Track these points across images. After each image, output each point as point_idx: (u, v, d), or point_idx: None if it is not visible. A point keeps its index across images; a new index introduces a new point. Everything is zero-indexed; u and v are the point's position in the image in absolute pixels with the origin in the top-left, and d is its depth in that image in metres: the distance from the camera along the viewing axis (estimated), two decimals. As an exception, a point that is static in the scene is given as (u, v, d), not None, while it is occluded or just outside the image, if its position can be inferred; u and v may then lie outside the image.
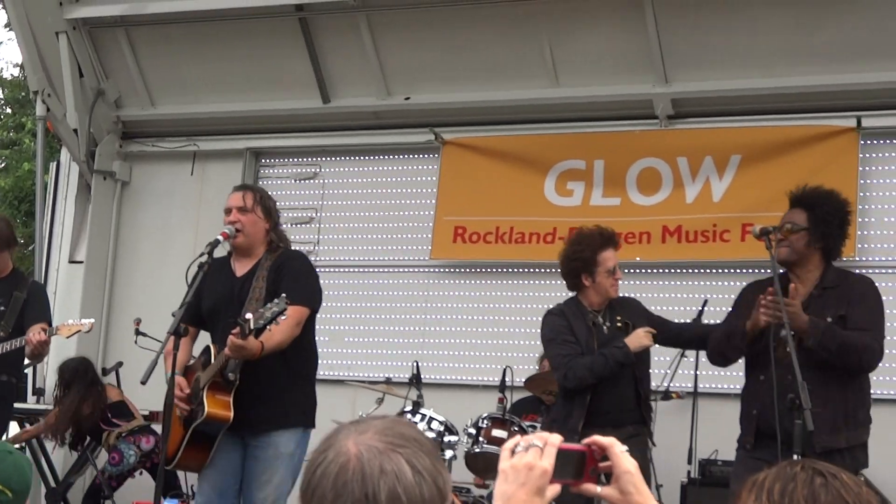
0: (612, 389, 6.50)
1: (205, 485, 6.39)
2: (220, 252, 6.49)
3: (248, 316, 5.84)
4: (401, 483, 2.02)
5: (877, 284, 8.38)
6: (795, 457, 4.88)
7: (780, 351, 5.73)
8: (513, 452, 2.31)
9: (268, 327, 5.85)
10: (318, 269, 6.68)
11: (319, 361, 6.68)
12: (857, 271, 8.34)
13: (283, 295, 5.83)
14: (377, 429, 2.09)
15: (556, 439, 2.32)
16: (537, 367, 8.32)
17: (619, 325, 6.69)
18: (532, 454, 2.29)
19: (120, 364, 9.44)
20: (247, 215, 6.42)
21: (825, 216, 5.91)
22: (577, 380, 6.56)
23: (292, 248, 6.68)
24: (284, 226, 6.80)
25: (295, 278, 6.30)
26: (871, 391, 6.18)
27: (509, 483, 2.26)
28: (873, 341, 5.85)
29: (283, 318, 5.84)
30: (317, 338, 6.57)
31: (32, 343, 7.21)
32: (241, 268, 6.47)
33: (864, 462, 5.90)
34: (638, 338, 6.51)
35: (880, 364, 8.19)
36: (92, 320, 7.42)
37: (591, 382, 6.52)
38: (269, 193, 6.71)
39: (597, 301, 6.75)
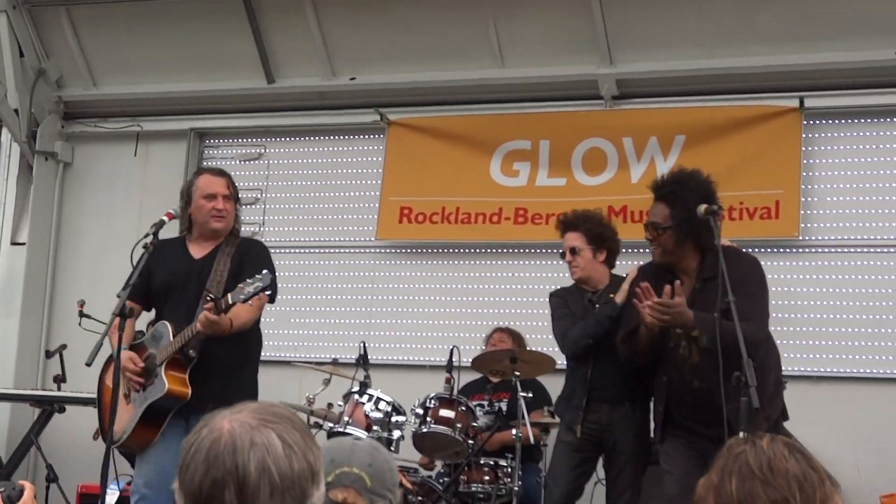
0: (612, 366, 6.56)
1: (145, 465, 6.31)
2: (170, 230, 6.52)
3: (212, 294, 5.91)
4: (270, 455, 2.10)
5: (820, 264, 8.55)
6: (742, 435, 4.92)
7: (677, 354, 5.79)
8: None
9: (249, 302, 5.89)
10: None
11: (265, 343, 6.70)
12: (802, 251, 8.51)
13: (266, 271, 5.85)
14: (251, 409, 2.20)
15: None
16: (485, 346, 8.34)
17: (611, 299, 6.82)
18: None
19: (64, 346, 9.34)
20: (230, 203, 6.47)
21: (687, 212, 5.78)
22: (572, 343, 6.83)
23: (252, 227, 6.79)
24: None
25: (261, 267, 6.31)
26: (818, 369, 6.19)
27: None
28: (758, 331, 5.71)
29: (267, 293, 5.88)
30: (263, 318, 6.58)
31: None
32: (198, 250, 6.46)
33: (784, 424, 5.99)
34: (622, 290, 6.59)
35: (825, 343, 8.36)
36: None
37: (585, 343, 6.74)
38: None
39: (587, 283, 6.95)
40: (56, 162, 10.64)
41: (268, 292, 5.90)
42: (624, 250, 7.85)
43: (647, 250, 6.21)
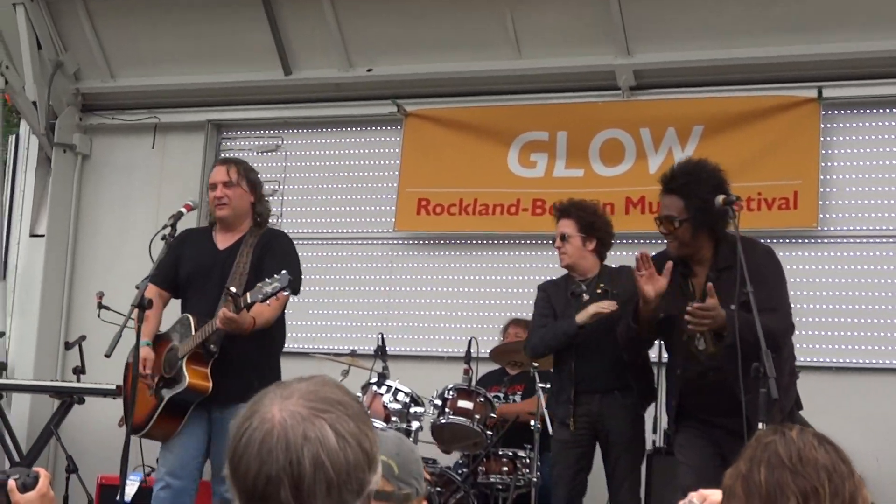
0: (595, 357, 6.60)
1: (168, 455, 6.39)
2: (187, 222, 6.55)
3: (233, 289, 5.90)
4: (324, 449, 2.05)
5: (839, 255, 8.53)
6: (761, 426, 4.92)
7: (691, 346, 5.77)
8: None
9: (267, 302, 5.88)
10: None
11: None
12: (821, 241, 8.49)
13: (285, 272, 5.85)
14: (301, 393, 2.12)
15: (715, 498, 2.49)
16: (502, 338, 8.34)
17: (598, 292, 6.82)
18: None
19: (83, 338, 9.36)
20: (233, 189, 6.46)
21: (701, 203, 5.77)
22: (531, 349, 6.96)
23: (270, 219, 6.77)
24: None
25: (282, 260, 6.30)
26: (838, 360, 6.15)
27: None
28: (782, 321, 5.71)
29: (285, 293, 5.88)
30: (281, 311, 6.60)
31: None
32: (223, 241, 6.51)
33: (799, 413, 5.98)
34: (586, 311, 6.61)
35: (845, 333, 8.34)
36: None
37: (542, 351, 6.88)
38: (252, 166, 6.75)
39: (575, 271, 6.94)
40: (74, 154, 10.66)
41: (286, 293, 5.93)
42: (641, 241, 7.84)
43: (664, 241, 6.20)
